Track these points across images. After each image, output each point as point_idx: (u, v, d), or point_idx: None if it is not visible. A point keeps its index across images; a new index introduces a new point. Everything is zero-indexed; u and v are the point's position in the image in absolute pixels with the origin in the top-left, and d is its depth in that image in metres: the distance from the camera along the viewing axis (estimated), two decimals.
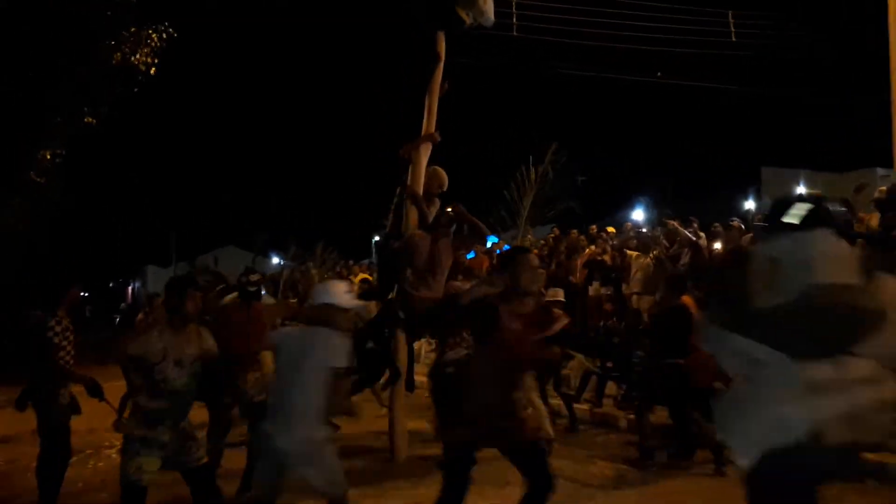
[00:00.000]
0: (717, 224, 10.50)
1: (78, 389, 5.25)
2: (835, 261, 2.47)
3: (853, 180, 13.45)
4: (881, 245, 7.49)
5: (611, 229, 12.67)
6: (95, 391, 4.98)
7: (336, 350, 3.84)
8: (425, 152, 7.17)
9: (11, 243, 14.16)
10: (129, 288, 53.12)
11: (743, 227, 9.58)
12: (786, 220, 2.61)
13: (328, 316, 3.96)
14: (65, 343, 5.20)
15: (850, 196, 9.38)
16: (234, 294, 6.42)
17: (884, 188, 8.24)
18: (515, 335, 3.71)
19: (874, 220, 7.96)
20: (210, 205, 60.48)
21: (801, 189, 20.31)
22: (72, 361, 5.25)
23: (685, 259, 9.46)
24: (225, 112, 69.78)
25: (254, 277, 6.20)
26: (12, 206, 12.56)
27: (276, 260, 32.70)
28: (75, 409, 5.34)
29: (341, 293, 4.05)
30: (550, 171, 9.74)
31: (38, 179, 12.25)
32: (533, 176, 9.76)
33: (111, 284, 58.89)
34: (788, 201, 2.67)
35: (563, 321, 3.94)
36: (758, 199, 23.01)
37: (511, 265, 3.96)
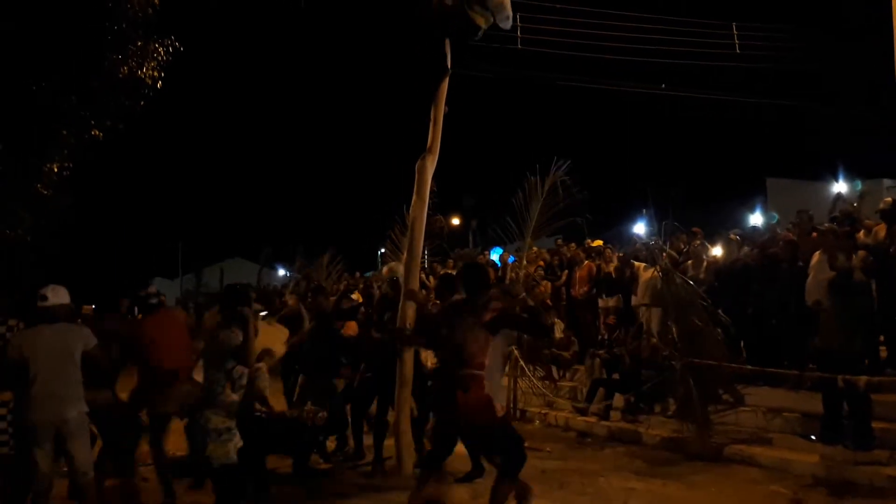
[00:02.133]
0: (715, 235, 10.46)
1: None
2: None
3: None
4: (885, 255, 7.47)
5: (597, 242, 12.58)
6: None
7: (79, 338, 4.84)
8: (431, 166, 7.18)
9: (19, 256, 14.18)
10: None
11: (740, 239, 9.52)
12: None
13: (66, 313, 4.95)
14: None
15: (857, 203, 9.37)
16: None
17: (889, 199, 8.20)
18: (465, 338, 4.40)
19: (882, 230, 7.92)
20: (216, 217, 60.74)
21: (839, 191, 20.07)
22: None
23: (692, 271, 9.39)
24: (231, 124, 70.21)
25: (152, 290, 6.33)
26: (20, 219, 12.60)
27: (281, 272, 32.72)
28: None
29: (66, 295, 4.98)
30: (560, 189, 9.61)
31: (45, 192, 12.30)
32: (540, 188, 9.66)
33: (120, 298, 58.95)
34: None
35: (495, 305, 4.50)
36: (764, 210, 22.86)
37: (460, 278, 4.89)
